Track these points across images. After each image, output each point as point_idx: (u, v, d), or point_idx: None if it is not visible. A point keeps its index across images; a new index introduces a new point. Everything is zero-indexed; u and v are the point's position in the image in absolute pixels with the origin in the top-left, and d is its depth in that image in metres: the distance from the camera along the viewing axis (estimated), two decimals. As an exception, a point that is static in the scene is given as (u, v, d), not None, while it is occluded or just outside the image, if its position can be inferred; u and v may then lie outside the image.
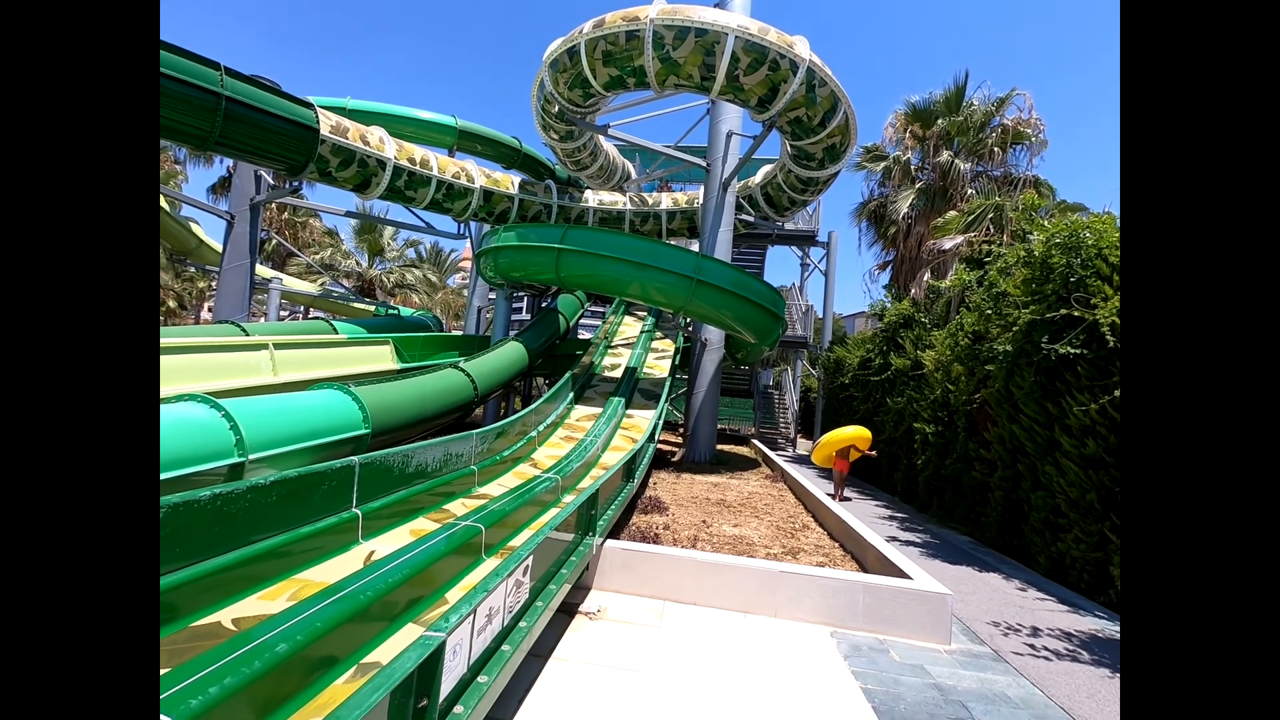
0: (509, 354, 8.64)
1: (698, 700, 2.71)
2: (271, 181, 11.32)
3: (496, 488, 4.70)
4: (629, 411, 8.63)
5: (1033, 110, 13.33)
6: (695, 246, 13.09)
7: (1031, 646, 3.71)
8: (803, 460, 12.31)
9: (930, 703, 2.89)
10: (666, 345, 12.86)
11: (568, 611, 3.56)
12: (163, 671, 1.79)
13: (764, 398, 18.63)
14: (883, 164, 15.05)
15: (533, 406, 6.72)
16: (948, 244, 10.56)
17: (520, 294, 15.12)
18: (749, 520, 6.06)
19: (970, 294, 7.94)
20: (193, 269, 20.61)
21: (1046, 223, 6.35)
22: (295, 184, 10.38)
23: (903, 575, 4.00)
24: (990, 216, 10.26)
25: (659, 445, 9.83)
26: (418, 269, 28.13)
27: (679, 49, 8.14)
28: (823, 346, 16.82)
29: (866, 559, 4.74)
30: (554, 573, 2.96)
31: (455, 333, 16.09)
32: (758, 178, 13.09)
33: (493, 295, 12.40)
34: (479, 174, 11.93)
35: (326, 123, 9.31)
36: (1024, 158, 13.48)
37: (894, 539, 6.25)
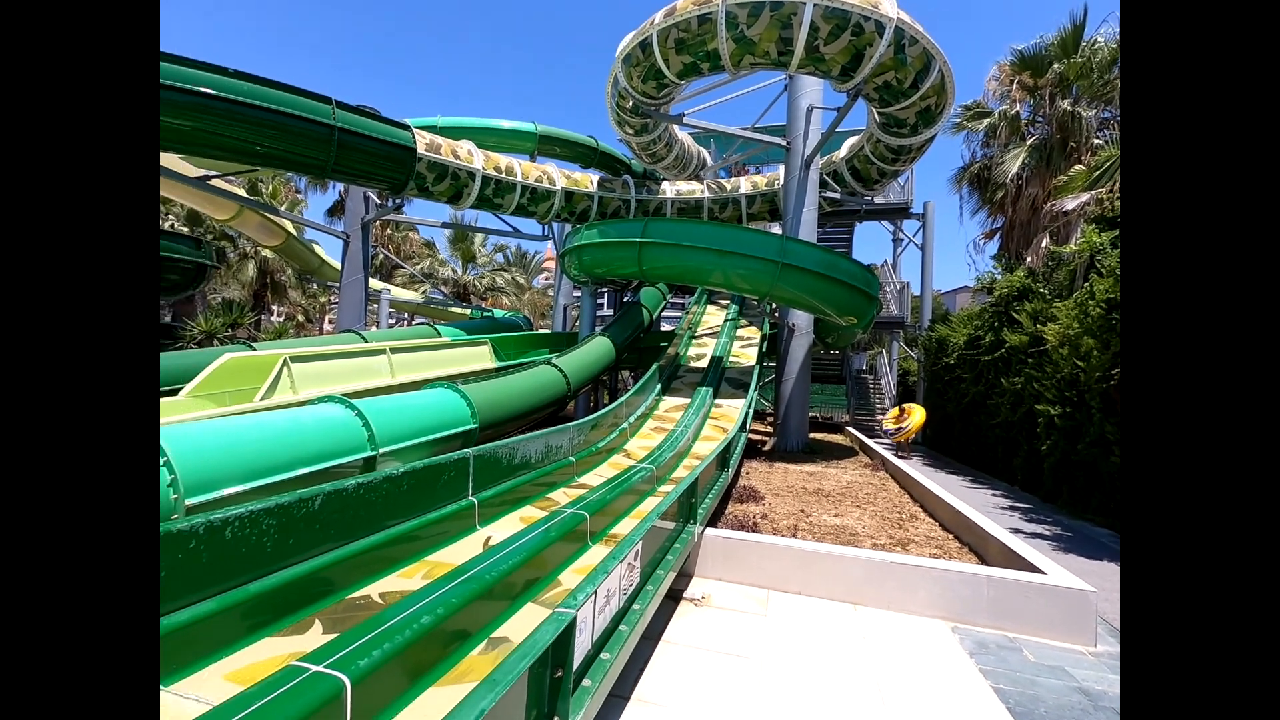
0: (597, 349, 8.88)
1: (814, 688, 2.65)
2: (377, 201, 12.39)
3: (594, 478, 4.86)
4: (717, 401, 8.55)
5: (1172, 38, 11.50)
6: (777, 229, 12.68)
7: (1199, 653, 3.26)
8: (901, 446, 11.60)
9: (1075, 707, 2.63)
10: (752, 333, 12.59)
11: (673, 598, 3.61)
12: (330, 636, 2.05)
13: (857, 383, 17.70)
14: (986, 121, 13.64)
15: (623, 399, 6.86)
16: (1071, 204, 9.40)
17: (603, 290, 15.45)
18: (850, 510, 5.82)
19: (1102, 258, 7.03)
20: (315, 285, 23.15)
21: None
22: (397, 201, 11.29)
23: (1033, 569, 3.66)
24: (1123, 167, 9.00)
25: (749, 435, 9.68)
26: (506, 272, 29.62)
27: (754, 26, 7.88)
28: (922, 326, 15.67)
29: (987, 551, 4.38)
30: (660, 558, 3.02)
31: (544, 331, 16.78)
32: (842, 151, 12.40)
33: (577, 293, 12.79)
34: (559, 176, 12.32)
35: (422, 141, 10.02)
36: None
37: (1018, 530, 5.72)
